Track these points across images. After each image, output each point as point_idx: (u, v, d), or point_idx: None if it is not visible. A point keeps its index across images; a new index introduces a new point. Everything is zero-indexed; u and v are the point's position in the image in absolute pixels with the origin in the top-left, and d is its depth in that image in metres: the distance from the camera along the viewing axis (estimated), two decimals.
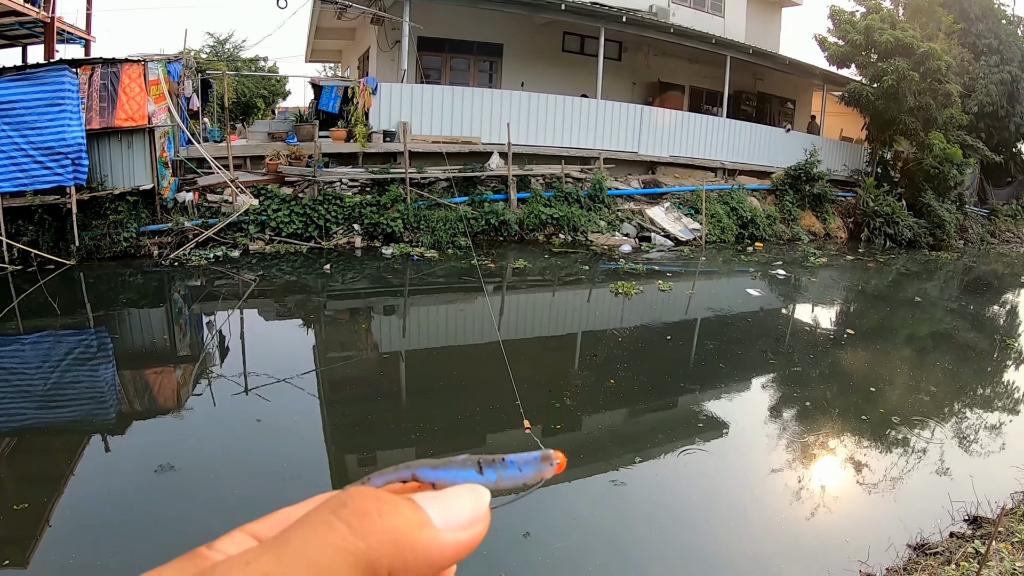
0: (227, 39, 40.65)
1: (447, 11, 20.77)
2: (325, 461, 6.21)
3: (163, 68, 15.49)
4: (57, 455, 6.13)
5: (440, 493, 0.42)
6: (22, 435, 6.49)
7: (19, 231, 13.20)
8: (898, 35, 23.34)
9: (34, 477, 5.72)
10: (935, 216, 25.13)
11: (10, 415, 6.95)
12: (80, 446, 6.28)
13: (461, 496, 0.43)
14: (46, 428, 6.71)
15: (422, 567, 0.38)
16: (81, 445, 6.31)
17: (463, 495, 0.43)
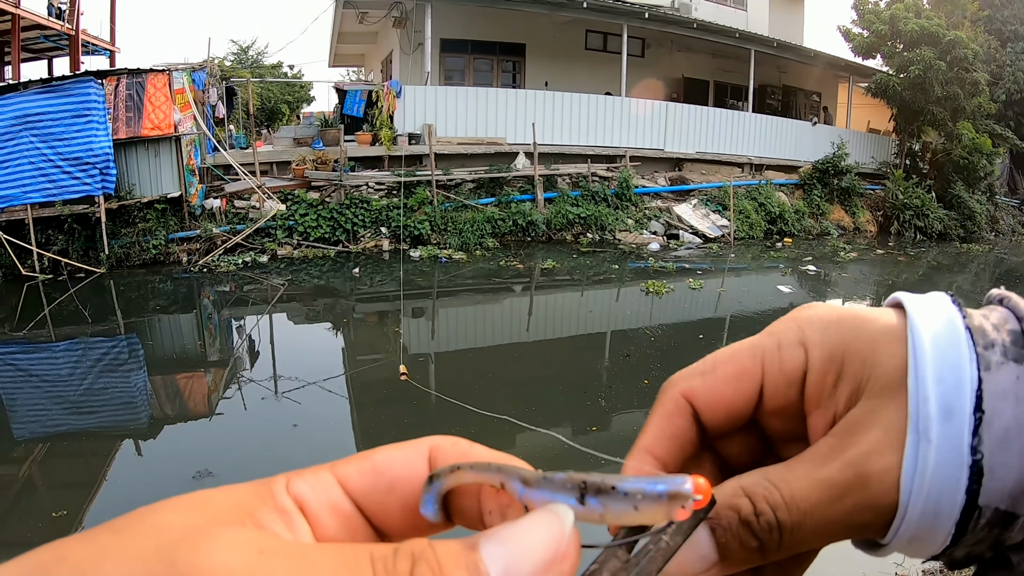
0: (250, 46, 40.94)
1: (468, 12, 20.73)
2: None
3: (188, 77, 15.55)
4: (92, 461, 6.11)
5: (508, 531, 0.30)
6: (57, 441, 6.49)
7: (49, 240, 13.31)
8: (923, 24, 22.96)
9: (71, 483, 5.71)
10: (965, 207, 24.70)
11: (44, 421, 6.96)
12: (114, 451, 6.26)
13: (534, 532, 0.30)
14: (80, 434, 6.70)
15: None
16: (115, 450, 6.29)
17: (537, 530, 0.30)
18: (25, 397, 7.87)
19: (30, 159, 12.87)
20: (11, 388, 8.19)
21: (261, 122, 28.27)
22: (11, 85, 13.60)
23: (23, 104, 12.83)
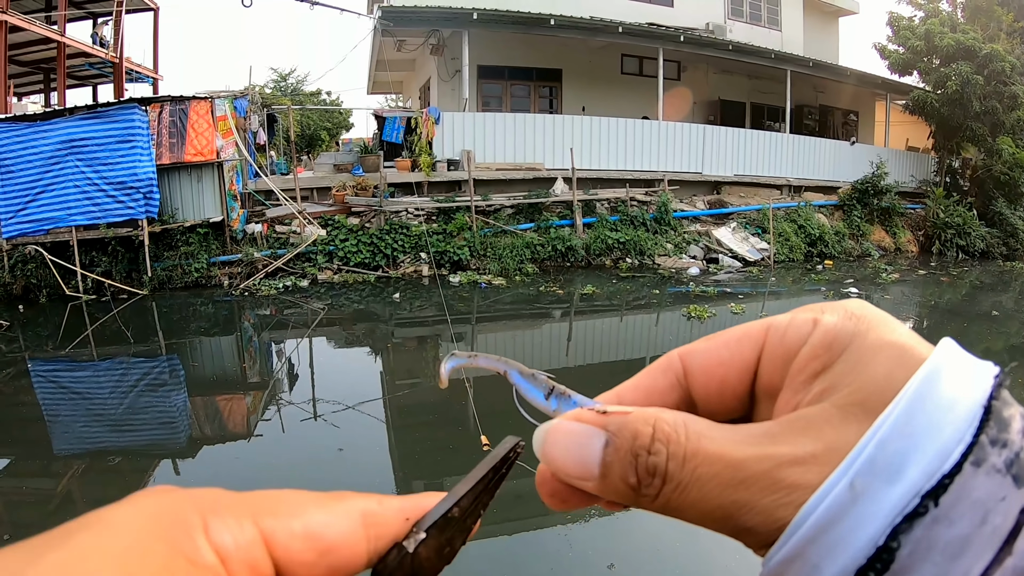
0: (289, 74, 41.53)
1: (505, 39, 20.84)
2: (392, 487, 6.05)
3: (230, 104, 15.76)
4: (130, 478, 6.08)
5: None
6: (96, 458, 6.47)
7: (93, 262, 13.53)
8: (959, 38, 22.65)
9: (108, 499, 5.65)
10: (1008, 224, 24.16)
11: (85, 438, 6.95)
12: (152, 470, 6.23)
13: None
14: (120, 451, 6.68)
15: None
16: (153, 469, 6.25)
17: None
18: (67, 414, 7.90)
19: (75, 183, 13.10)
20: (53, 405, 8.24)
21: (301, 148, 28.57)
22: (57, 111, 13.88)
23: (69, 129, 13.08)
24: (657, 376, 0.43)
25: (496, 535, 5.04)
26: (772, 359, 0.40)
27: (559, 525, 5.19)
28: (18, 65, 22.63)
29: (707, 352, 0.42)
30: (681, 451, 0.35)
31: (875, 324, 0.37)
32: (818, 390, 0.36)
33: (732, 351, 0.41)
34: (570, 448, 0.38)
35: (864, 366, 0.36)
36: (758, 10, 27.12)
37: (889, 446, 0.32)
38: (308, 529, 0.33)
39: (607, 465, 0.37)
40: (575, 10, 20.58)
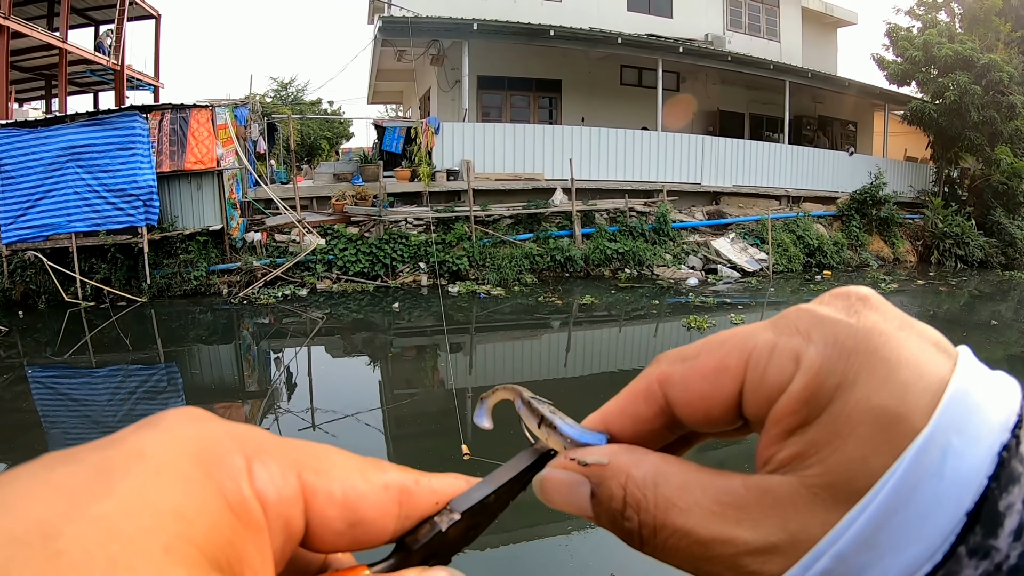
0: (289, 82, 41.62)
1: (505, 49, 20.89)
2: None
3: (230, 112, 15.77)
4: None
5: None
6: None
7: (92, 269, 13.55)
8: (957, 48, 22.74)
9: None
10: (1006, 234, 24.19)
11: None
12: None
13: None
14: None
15: None
16: None
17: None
18: (65, 421, 7.89)
19: (75, 189, 13.11)
20: (52, 411, 8.23)
21: (301, 157, 28.64)
22: (58, 117, 13.91)
23: (70, 136, 13.10)
24: (639, 403, 0.40)
25: (496, 545, 5.03)
26: (754, 399, 0.35)
27: (560, 535, 5.18)
28: (20, 71, 22.68)
29: (686, 385, 0.38)
30: (651, 520, 0.35)
31: (867, 366, 0.31)
32: (790, 453, 0.32)
33: (712, 386, 0.36)
34: (563, 495, 0.38)
35: (841, 441, 0.30)
36: (757, 21, 27.24)
37: (847, 560, 0.28)
38: (347, 497, 0.33)
39: (596, 514, 0.37)
40: (575, 21, 20.67)
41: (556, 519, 5.29)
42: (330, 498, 0.32)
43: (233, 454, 0.29)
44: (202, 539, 0.26)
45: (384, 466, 0.36)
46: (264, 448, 0.31)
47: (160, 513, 0.25)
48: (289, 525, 0.30)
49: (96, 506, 0.24)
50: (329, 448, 0.34)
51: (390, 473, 0.36)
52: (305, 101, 38.66)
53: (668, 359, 0.40)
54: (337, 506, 0.32)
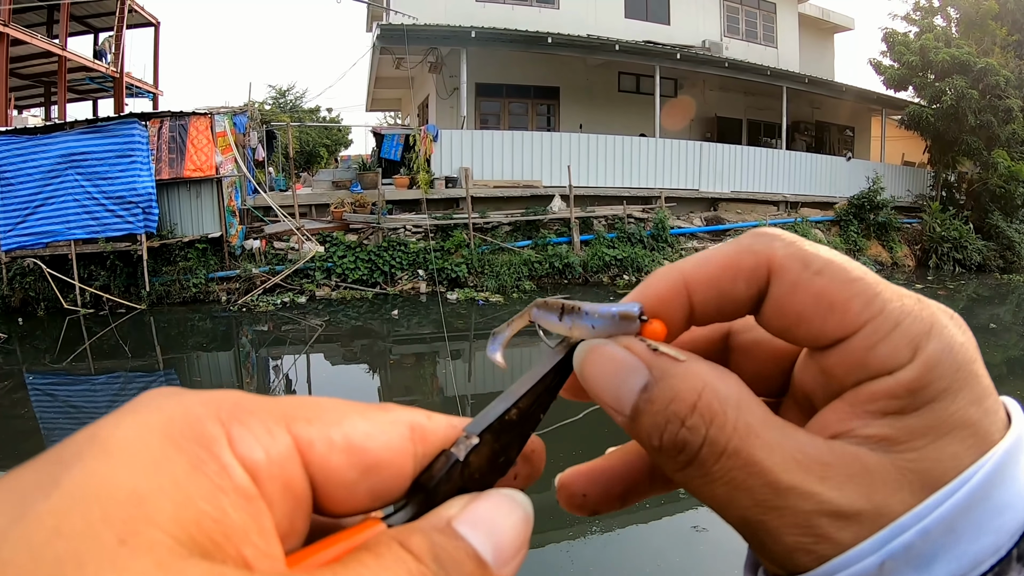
0: (288, 90, 41.67)
1: (503, 57, 20.92)
2: None
3: (229, 120, 15.79)
4: None
5: (482, 514, 0.31)
6: None
7: (91, 276, 13.56)
8: (954, 52, 22.78)
9: None
10: (1004, 237, 24.20)
11: None
12: None
13: (510, 517, 0.31)
14: None
15: None
16: None
17: (511, 516, 0.31)
18: (64, 427, 7.89)
19: (75, 196, 13.14)
20: (51, 418, 8.23)
21: (300, 165, 28.65)
22: (57, 124, 13.95)
23: (69, 143, 13.12)
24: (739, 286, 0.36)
25: None
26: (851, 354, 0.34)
27: (563, 541, 5.19)
28: (19, 78, 22.68)
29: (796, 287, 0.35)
30: (723, 441, 0.31)
31: (968, 379, 0.33)
32: (882, 433, 0.32)
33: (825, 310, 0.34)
34: (607, 375, 0.34)
35: (939, 437, 0.32)
36: (754, 27, 27.30)
37: (930, 537, 0.30)
38: (350, 440, 0.29)
39: (637, 411, 0.33)
40: (573, 28, 20.73)
41: (556, 525, 5.30)
42: (330, 444, 0.28)
43: (207, 421, 0.25)
44: (170, 521, 0.22)
45: (389, 407, 0.33)
46: (243, 407, 0.27)
47: (112, 500, 0.21)
48: (290, 487, 0.27)
49: (43, 503, 0.21)
50: (321, 398, 0.30)
51: (396, 411, 0.32)
52: (304, 108, 38.71)
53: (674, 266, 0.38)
54: (341, 451, 0.28)
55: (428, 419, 0.33)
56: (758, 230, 0.37)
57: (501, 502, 0.32)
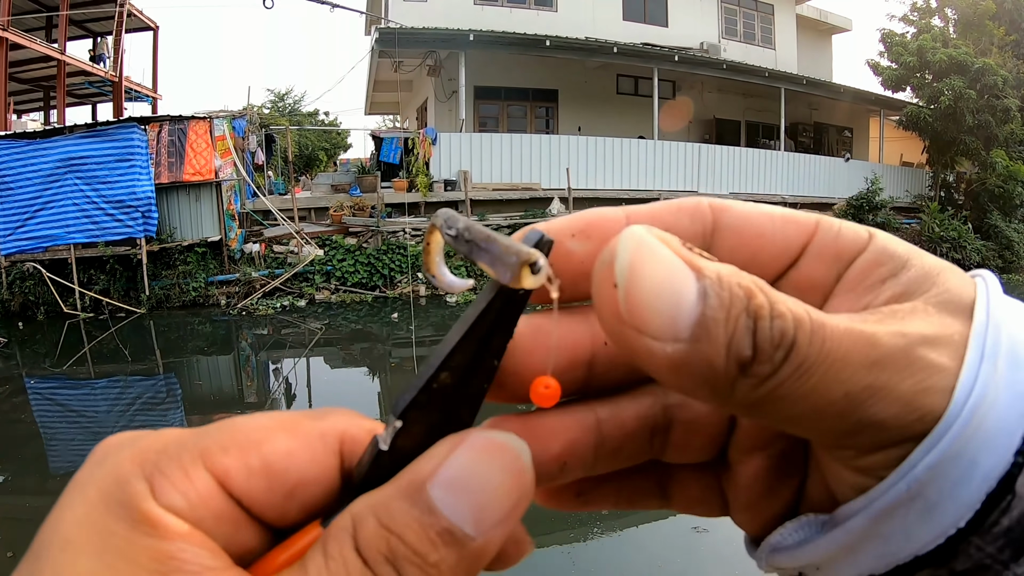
0: (286, 94, 41.67)
1: (501, 60, 20.93)
2: None
3: (228, 124, 15.81)
4: None
5: (458, 474, 0.28)
6: None
7: (91, 280, 13.57)
8: (951, 53, 22.78)
9: None
10: (1002, 237, 24.16)
11: (82, 456, 6.95)
12: None
13: (494, 476, 0.28)
14: None
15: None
16: None
17: (497, 473, 0.28)
18: (64, 432, 7.90)
19: (74, 201, 13.15)
20: (51, 422, 8.23)
21: (299, 169, 28.67)
22: (57, 129, 13.98)
23: (68, 147, 13.14)
24: (683, 219, 0.34)
25: None
26: (821, 254, 0.34)
27: (564, 544, 5.20)
28: (18, 83, 22.69)
29: (747, 217, 0.35)
30: (807, 319, 0.28)
31: (918, 249, 0.34)
32: (891, 293, 0.32)
33: (777, 227, 0.34)
34: (659, 280, 0.27)
35: (935, 276, 0.32)
36: (752, 29, 27.32)
37: (1003, 332, 0.29)
38: (268, 464, 0.28)
39: (706, 323, 0.27)
40: (571, 31, 20.73)
41: (557, 527, 5.31)
42: (248, 471, 0.27)
43: (133, 480, 0.26)
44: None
45: (326, 413, 0.31)
46: (165, 453, 0.27)
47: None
48: (220, 516, 0.27)
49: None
50: (249, 418, 0.29)
51: (330, 418, 0.30)
52: (302, 112, 38.72)
53: (717, 199, 0.36)
54: (259, 477, 0.27)
55: (360, 425, 0.31)
56: None
57: (485, 449, 0.28)
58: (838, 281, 0.34)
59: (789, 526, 0.34)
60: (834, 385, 0.28)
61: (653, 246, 0.28)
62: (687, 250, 0.28)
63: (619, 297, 0.27)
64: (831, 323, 0.28)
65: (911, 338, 0.29)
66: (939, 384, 0.28)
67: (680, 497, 0.38)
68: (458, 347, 0.29)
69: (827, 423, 0.29)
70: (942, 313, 0.31)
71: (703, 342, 0.27)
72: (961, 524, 0.28)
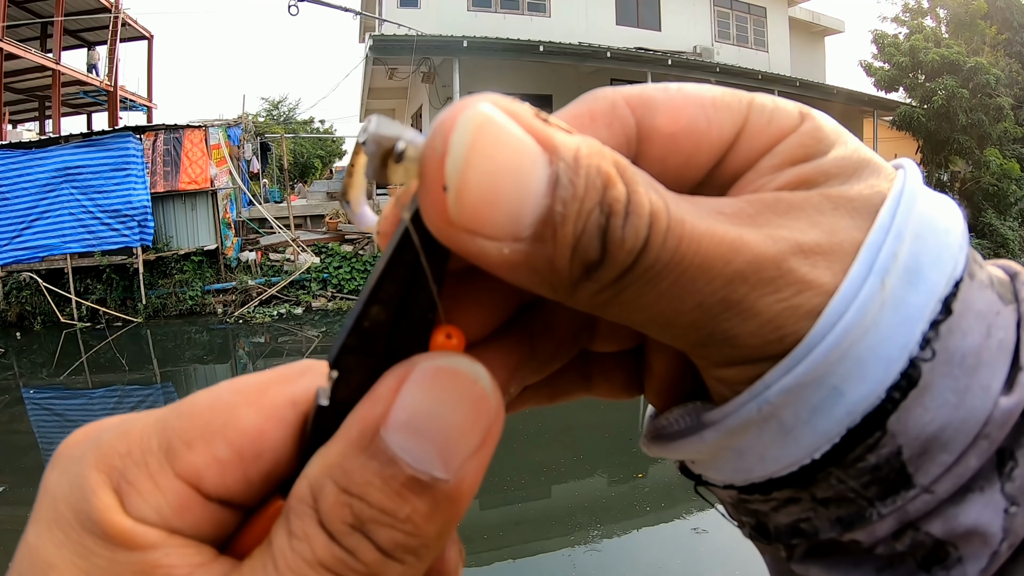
0: (280, 101, 41.66)
1: (495, 66, 20.96)
2: None
3: (223, 132, 15.82)
4: None
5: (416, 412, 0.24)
6: None
7: (88, 289, 13.57)
8: (944, 52, 22.84)
9: None
10: (997, 235, 24.16)
11: None
12: None
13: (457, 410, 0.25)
14: None
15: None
16: None
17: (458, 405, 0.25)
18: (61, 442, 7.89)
19: (70, 210, 13.16)
20: (47, 433, 8.23)
21: (295, 176, 28.65)
22: (52, 138, 14.01)
23: (64, 157, 13.15)
24: (599, 130, 0.29)
25: (495, 561, 5.05)
26: (752, 140, 0.30)
27: (564, 547, 5.21)
28: (13, 92, 22.68)
29: (677, 113, 0.29)
30: (663, 217, 0.25)
31: (850, 136, 0.31)
32: (793, 176, 0.29)
33: (710, 118, 0.29)
34: (502, 165, 0.23)
35: (855, 167, 0.29)
36: (745, 32, 27.37)
37: (905, 243, 0.27)
38: (238, 451, 0.25)
39: (552, 220, 0.23)
40: (564, 36, 20.79)
41: (558, 531, 5.32)
42: (219, 465, 0.25)
43: (100, 493, 0.24)
44: None
45: (299, 373, 0.28)
46: (129, 457, 0.25)
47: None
48: (197, 515, 0.25)
49: None
50: (213, 391, 0.27)
51: (303, 380, 0.27)
52: (297, 120, 38.69)
53: (633, 88, 0.31)
54: (231, 467, 0.25)
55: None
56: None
57: (437, 379, 0.25)
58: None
59: (676, 411, 0.33)
60: (686, 295, 0.25)
61: (499, 127, 0.23)
62: (541, 122, 0.24)
63: (449, 201, 0.23)
64: (691, 221, 0.25)
65: (783, 245, 0.26)
66: (806, 304, 0.26)
67: (603, 385, 0.37)
68: (385, 275, 0.25)
69: (678, 332, 0.27)
70: (838, 212, 0.28)
71: (546, 242, 0.24)
72: (816, 455, 0.27)
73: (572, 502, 6.25)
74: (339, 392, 0.25)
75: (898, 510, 0.27)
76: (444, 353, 0.26)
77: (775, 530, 0.31)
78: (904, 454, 0.26)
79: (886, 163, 0.31)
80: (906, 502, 0.27)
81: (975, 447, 0.26)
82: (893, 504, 0.27)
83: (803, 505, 0.29)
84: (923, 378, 0.26)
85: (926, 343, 0.26)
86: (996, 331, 0.27)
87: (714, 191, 0.30)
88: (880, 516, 0.27)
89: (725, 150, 0.30)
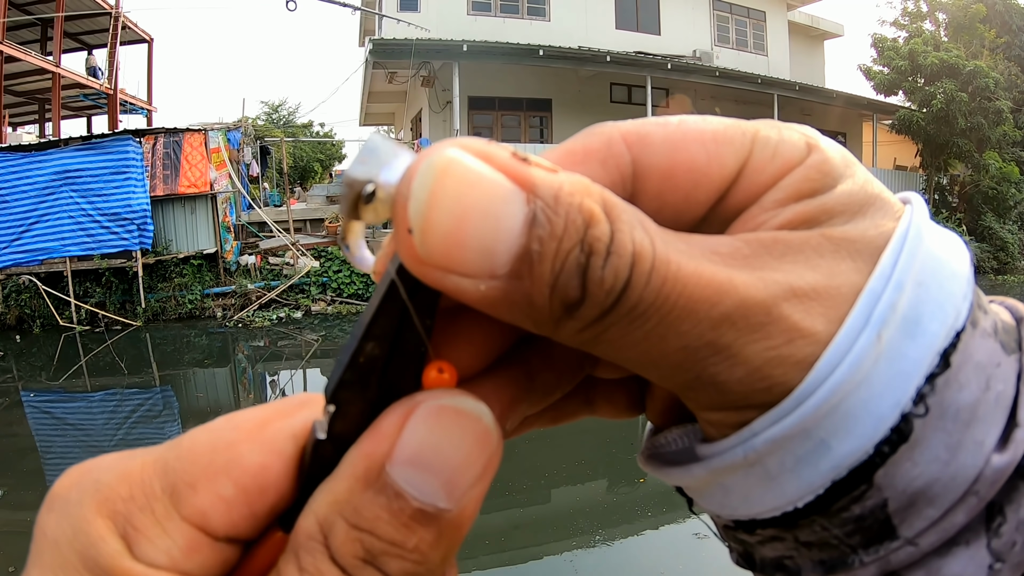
0: (280, 105, 41.72)
1: (495, 70, 20.96)
2: None
3: (223, 136, 15.83)
4: None
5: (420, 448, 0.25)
6: None
7: (87, 293, 13.58)
8: (943, 56, 22.87)
9: None
10: (997, 238, 24.22)
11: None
12: None
13: (461, 444, 0.25)
14: None
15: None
16: None
17: (461, 440, 0.25)
18: (60, 446, 7.89)
19: (70, 213, 13.16)
20: (46, 436, 8.22)
21: (294, 180, 28.68)
22: (52, 142, 14.02)
23: (64, 160, 13.16)
24: (593, 168, 0.28)
25: (495, 565, 5.04)
26: (756, 176, 0.29)
27: (566, 551, 5.20)
28: (13, 95, 22.70)
29: (675, 149, 0.29)
30: (648, 256, 0.24)
31: (860, 169, 0.30)
32: (795, 213, 0.28)
33: (711, 154, 0.29)
34: (476, 202, 0.23)
35: (861, 203, 0.29)
36: (744, 36, 27.38)
37: (905, 293, 0.26)
38: (243, 489, 0.25)
39: (529, 257, 0.23)
40: (564, 40, 20.78)
41: (559, 535, 5.32)
42: (225, 505, 0.25)
43: (108, 540, 0.24)
44: None
45: (298, 406, 0.28)
46: (133, 502, 0.24)
47: None
48: (205, 555, 0.25)
49: None
50: (213, 428, 0.27)
51: (302, 413, 0.28)
52: (297, 124, 38.76)
53: (630, 124, 0.30)
54: (237, 506, 0.25)
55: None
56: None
57: (441, 417, 0.25)
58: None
59: (675, 432, 0.33)
60: (671, 336, 0.25)
61: (465, 168, 0.23)
62: (519, 162, 0.24)
63: (415, 242, 0.23)
64: (678, 261, 0.24)
65: (775, 289, 0.25)
66: (797, 353, 0.25)
67: (605, 407, 0.37)
68: (380, 311, 0.25)
69: (664, 372, 0.26)
70: (839, 254, 0.27)
71: (523, 280, 0.24)
72: (799, 504, 0.27)
73: (573, 507, 6.25)
74: (336, 426, 0.26)
75: (881, 559, 0.27)
76: (447, 391, 0.26)
77: (760, 562, 0.31)
78: (890, 507, 0.26)
79: (894, 197, 0.30)
80: (889, 552, 0.27)
81: (963, 503, 0.26)
82: (876, 553, 0.27)
83: (787, 544, 0.29)
84: (915, 433, 0.25)
85: (920, 398, 0.25)
86: (995, 384, 0.27)
87: (717, 227, 0.29)
88: (862, 563, 0.27)
89: (727, 186, 0.29)
